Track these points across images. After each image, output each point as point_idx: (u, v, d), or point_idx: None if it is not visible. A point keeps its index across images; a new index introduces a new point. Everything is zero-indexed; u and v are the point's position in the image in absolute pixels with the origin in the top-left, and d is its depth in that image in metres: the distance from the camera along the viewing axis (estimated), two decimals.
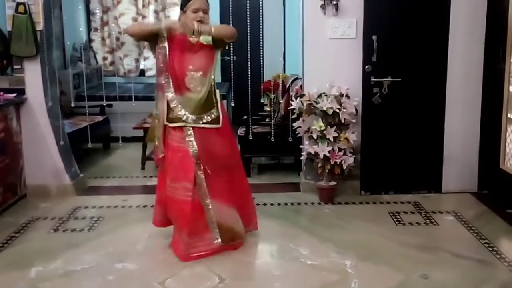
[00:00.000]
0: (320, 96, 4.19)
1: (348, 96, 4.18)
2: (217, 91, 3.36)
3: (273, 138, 4.52)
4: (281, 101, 5.43)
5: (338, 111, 4.11)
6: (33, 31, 4.26)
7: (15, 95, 4.34)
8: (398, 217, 3.99)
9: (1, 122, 4.16)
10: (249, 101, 4.74)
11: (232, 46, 3.68)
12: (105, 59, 7.85)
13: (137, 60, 7.85)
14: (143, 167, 5.53)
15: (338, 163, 4.16)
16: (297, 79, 5.35)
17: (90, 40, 7.79)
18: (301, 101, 4.22)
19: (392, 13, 4.27)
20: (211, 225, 3.30)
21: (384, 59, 4.28)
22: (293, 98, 4.42)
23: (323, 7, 4.28)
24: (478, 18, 4.29)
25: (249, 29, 4.28)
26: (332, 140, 4.14)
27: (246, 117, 4.87)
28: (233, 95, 6.19)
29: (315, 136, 4.18)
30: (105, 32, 7.76)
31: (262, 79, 5.86)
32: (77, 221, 4.00)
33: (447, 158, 4.46)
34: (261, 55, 4.94)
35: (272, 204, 4.31)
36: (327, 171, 4.22)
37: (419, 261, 3.23)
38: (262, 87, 5.90)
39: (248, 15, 4.23)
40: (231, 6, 4.32)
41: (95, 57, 7.80)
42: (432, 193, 4.48)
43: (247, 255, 3.37)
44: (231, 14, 4.26)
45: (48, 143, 4.50)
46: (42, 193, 4.47)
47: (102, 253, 3.39)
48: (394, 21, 4.29)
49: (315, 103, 4.17)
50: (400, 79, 4.31)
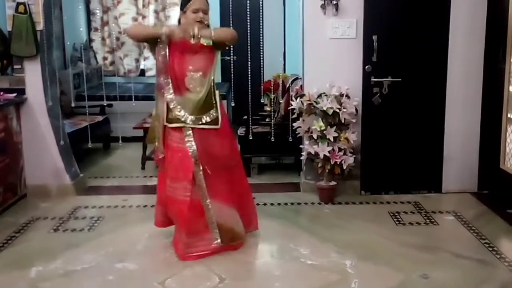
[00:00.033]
0: (320, 96, 4.19)
1: (348, 96, 4.18)
2: (217, 92, 3.36)
3: (273, 138, 4.53)
4: (281, 101, 5.43)
5: (338, 111, 4.11)
6: (33, 31, 4.27)
7: (15, 95, 4.34)
8: (398, 217, 3.99)
9: (1, 122, 4.16)
10: (249, 101, 4.74)
11: (232, 46, 3.67)
12: (105, 59, 7.85)
13: (137, 60, 7.85)
14: (143, 167, 5.53)
15: (338, 163, 4.16)
16: (297, 79, 5.34)
17: (90, 40, 7.79)
18: (301, 101, 4.22)
19: (392, 13, 4.27)
20: (211, 226, 3.30)
21: (384, 59, 4.28)
22: (293, 98, 4.42)
23: (323, 7, 4.28)
24: (478, 18, 4.29)
25: (249, 29, 4.28)
26: (332, 140, 4.14)
27: (246, 117, 4.87)
28: (233, 95, 6.19)
29: (315, 136, 4.18)
30: (105, 32, 7.76)
31: (262, 79, 5.86)
32: (77, 221, 4.00)
33: (447, 158, 4.46)
34: (261, 55, 4.94)
35: (272, 204, 4.31)
36: (327, 171, 4.22)
37: (419, 261, 3.23)
38: (262, 87, 5.90)
39: (248, 15, 4.24)
40: (231, 6, 4.32)
41: (95, 57, 7.80)
42: (432, 193, 4.48)
43: (247, 255, 3.37)
44: (231, 14, 4.26)
45: (48, 143, 4.50)
46: (42, 193, 4.47)
47: (102, 253, 3.39)
48: (394, 21, 4.29)
49: (315, 103, 4.17)
50: (400, 79, 4.31)
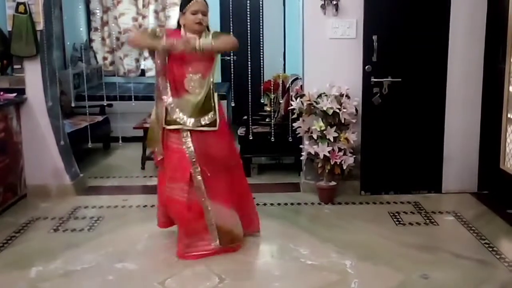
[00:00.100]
0: (320, 96, 4.18)
1: (348, 96, 4.18)
2: (215, 94, 3.36)
3: (273, 138, 4.53)
4: (281, 101, 5.43)
5: (338, 111, 4.11)
6: (33, 31, 4.26)
7: (15, 95, 4.34)
8: (398, 217, 3.99)
9: (1, 122, 4.16)
10: (249, 101, 4.75)
11: None
12: (105, 59, 7.86)
13: (137, 60, 7.86)
14: (143, 167, 5.52)
15: (338, 163, 4.16)
16: (297, 79, 5.34)
17: (90, 40, 7.79)
18: (301, 101, 4.22)
19: (392, 13, 4.27)
20: (210, 227, 3.30)
21: (384, 59, 4.28)
22: (293, 98, 4.42)
23: (323, 7, 4.27)
24: (478, 18, 4.29)
25: (249, 29, 4.29)
26: (332, 140, 4.14)
27: (246, 117, 4.87)
28: (233, 95, 6.19)
29: (315, 136, 4.18)
30: (105, 32, 7.77)
31: (262, 79, 5.86)
32: (77, 221, 4.00)
33: (447, 158, 4.46)
34: (261, 55, 4.95)
35: (272, 204, 4.31)
36: (327, 171, 4.22)
37: (419, 261, 3.23)
38: (262, 87, 5.90)
39: (248, 15, 4.24)
40: (231, 6, 4.33)
41: (95, 57, 7.81)
42: (432, 193, 4.47)
43: (247, 255, 3.37)
44: (231, 14, 4.27)
45: (48, 143, 4.50)
46: (42, 193, 4.46)
47: (102, 253, 3.39)
48: (394, 21, 4.28)
49: (315, 103, 4.17)
50: (400, 79, 4.31)
